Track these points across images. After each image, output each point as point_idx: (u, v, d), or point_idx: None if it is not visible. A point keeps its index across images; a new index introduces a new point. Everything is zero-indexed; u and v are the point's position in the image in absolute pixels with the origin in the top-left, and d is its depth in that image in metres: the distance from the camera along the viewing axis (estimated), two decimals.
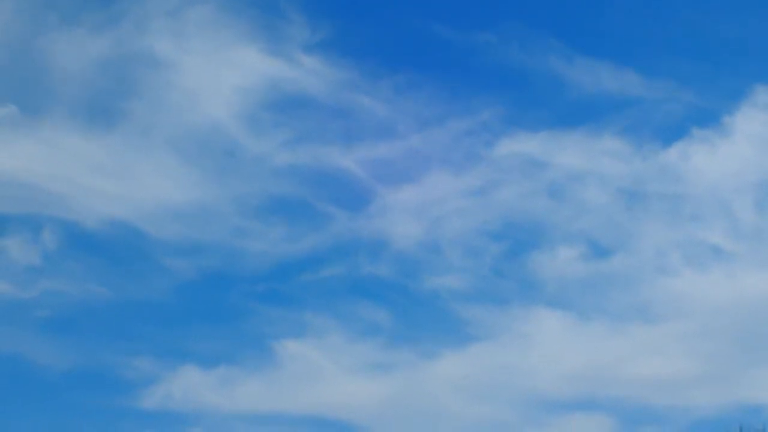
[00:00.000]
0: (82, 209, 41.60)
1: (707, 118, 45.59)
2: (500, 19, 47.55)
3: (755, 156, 44.14)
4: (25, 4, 43.33)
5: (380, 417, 38.69)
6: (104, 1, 43.41)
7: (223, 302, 43.18)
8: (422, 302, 42.82)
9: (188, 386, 38.52)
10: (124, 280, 41.95)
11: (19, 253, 39.76)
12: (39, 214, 40.66)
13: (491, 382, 39.50)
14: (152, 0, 44.45)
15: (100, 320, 40.37)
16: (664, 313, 41.68)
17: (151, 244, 42.31)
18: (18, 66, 43.52)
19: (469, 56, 47.19)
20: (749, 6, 45.32)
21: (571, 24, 47.54)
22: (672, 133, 46.43)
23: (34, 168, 40.57)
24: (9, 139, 40.89)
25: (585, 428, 37.77)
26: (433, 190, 45.42)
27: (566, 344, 41.23)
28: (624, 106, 46.28)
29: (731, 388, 38.07)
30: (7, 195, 40.53)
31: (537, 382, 38.87)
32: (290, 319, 42.47)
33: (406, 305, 42.94)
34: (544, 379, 39.49)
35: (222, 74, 45.85)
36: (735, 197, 43.82)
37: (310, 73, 45.08)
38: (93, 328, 40.47)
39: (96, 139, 43.27)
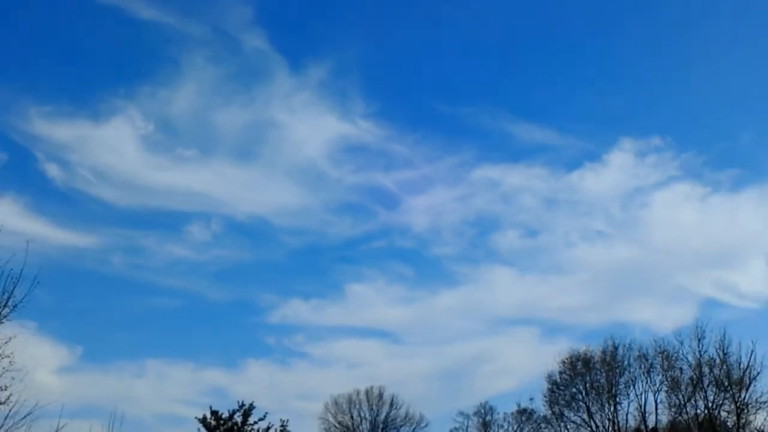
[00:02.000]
0: (235, 208, 71.22)
1: (594, 156, 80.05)
2: (475, 99, 79.38)
3: (622, 178, 73.55)
4: (204, 88, 68.32)
5: (407, 328, 67.96)
6: (246, 88, 70.14)
7: (315, 262, 75.26)
8: (430, 263, 74.50)
9: (295, 310, 67.40)
10: (258, 249, 73.80)
11: (198, 233, 68.49)
12: (209, 211, 68.65)
13: (469, 307, 68.59)
14: (274, 88, 72.48)
15: (245, 273, 71.19)
16: (569, 269, 73.13)
17: (275, 229, 72.64)
18: (201, 124, 65.23)
19: (456, 120, 79.13)
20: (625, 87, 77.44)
21: (516, 101, 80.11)
22: (573, 164, 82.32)
23: (207, 184, 68.44)
24: (192, 168, 67.48)
25: (523, 335, 66.76)
26: (436, 197, 74.68)
27: (511, 287, 70.34)
28: (546, 149, 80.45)
29: (607, 313, 67.93)
30: (193, 200, 70.43)
31: (495, 308, 68.43)
32: (354, 272, 74.41)
33: (421, 264, 74.76)
34: (499, 307, 68.45)
35: (315, 132, 75.40)
36: (610, 202, 74.07)
37: (365, 131, 73.59)
38: (242, 277, 72.22)
39: (243, 168, 72.46)
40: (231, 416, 28.26)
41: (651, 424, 43.67)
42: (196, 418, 26.93)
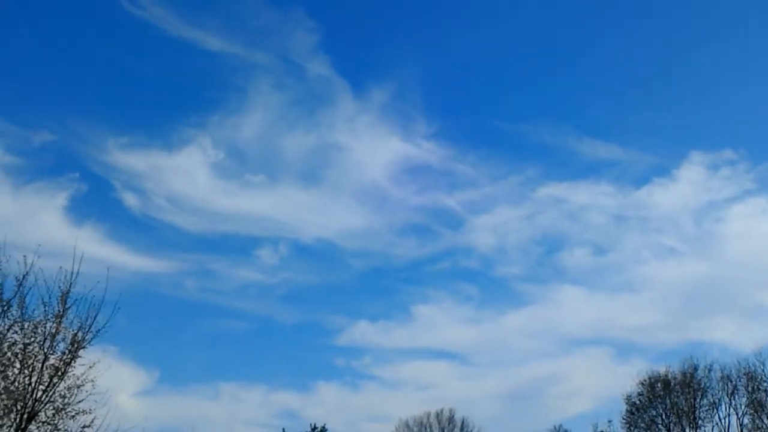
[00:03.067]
0: (302, 232, 71.96)
1: (663, 171, 78.01)
2: (538, 116, 79.19)
3: (694, 193, 71.11)
4: (270, 114, 71.49)
5: (475, 349, 65.35)
6: (311, 113, 71.91)
7: (381, 284, 73.80)
8: (497, 283, 72.16)
9: (363, 332, 65.67)
10: (325, 271, 73.54)
11: (267, 257, 68.60)
12: (277, 235, 69.36)
13: (538, 327, 66.68)
14: (337, 112, 72.92)
15: (314, 295, 70.18)
16: (641, 287, 69.26)
17: (341, 251, 71.57)
18: (267, 150, 72.27)
19: (519, 138, 76.11)
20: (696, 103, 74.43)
21: (579, 117, 76.70)
22: (641, 180, 79.07)
23: (275, 208, 69.42)
24: (260, 194, 68.64)
25: (595, 355, 63.24)
26: (501, 216, 72.54)
27: (581, 306, 67.47)
28: (612, 165, 77.14)
29: (683, 332, 64.51)
30: (261, 225, 71.86)
31: (565, 327, 65.63)
32: (420, 293, 71.82)
33: (487, 284, 71.94)
34: (569, 326, 65.38)
35: (378, 154, 75.88)
36: (682, 218, 71.10)
37: (427, 151, 73.27)
38: (310, 299, 70.88)
39: (309, 191, 72.58)
40: None
41: None
42: None
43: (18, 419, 15.42)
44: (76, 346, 16.11)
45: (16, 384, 15.58)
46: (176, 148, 74.26)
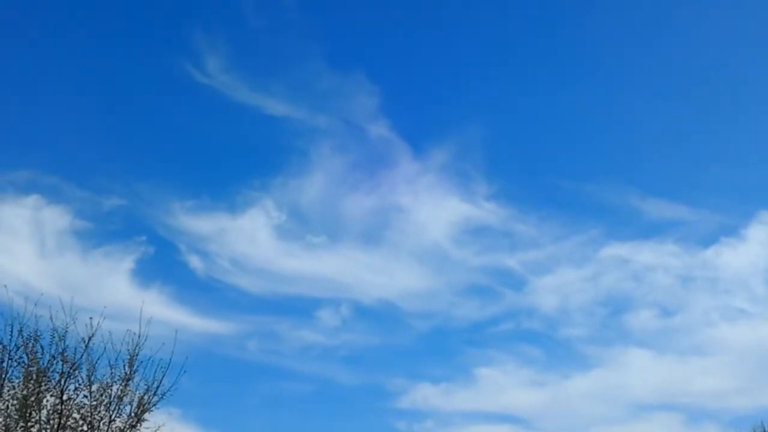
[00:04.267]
0: (362, 293, 65.51)
1: (730, 231, 67.25)
2: (600, 175, 71.66)
3: (764, 253, 62.83)
4: (331, 176, 65.54)
5: (539, 413, 58.47)
6: (371, 175, 67.02)
7: (443, 346, 66.04)
8: (560, 345, 64.50)
9: (424, 395, 58.80)
10: (386, 333, 65.77)
11: (328, 319, 62.06)
12: (338, 297, 63.52)
13: (605, 391, 59.50)
14: (398, 173, 68.31)
15: (375, 357, 63.23)
16: (711, 350, 62.00)
17: (402, 312, 64.65)
18: (329, 211, 67.15)
19: (582, 197, 69.55)
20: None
21: (643, 175, 69.65)
22: (708, 240, 68.62)
23: (336, 269, 63.37)
24: (321, 255, 65.41)
25: (665, 421, 56.10)
26: (563, 277, 67.02)
27: (649, 370, 60.11)
28: (678, 225, 66.56)
29: (758, 397, 55.22)
30: (322, 287, 64.90)
31: (633, 392, 58.79)
32: (482, 355, 64.03)
33: (551, 346, 64.19)
34: (637, 390, 58.96)
35: (438, 214, 68.37)
36: (752, 278, 63.84)
37: (488, 212, 66.77)
38: (371, 361, 63.66)
39: (369, 252, 67.28)
40: None
41: None
42: None
43: None
44: (141, 409, 16.22)
45: None
46: (240, 210, 75.63)
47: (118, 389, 16.11)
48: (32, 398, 15.46)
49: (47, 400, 15.80)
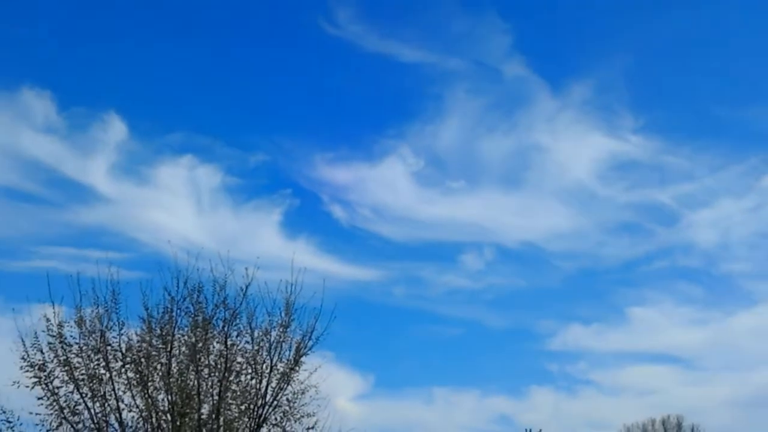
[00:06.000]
0: (505, 236, 71.32)
1: None
2: (757, 99, 72.19)
3: None
4: (467, 120, 70.96)
5: (701, 352, 64.29)
6: (508, 116, 71.71)
7: (592, 286, 71.14)
8: (721, 281, 68.93)
9: (575, 336, 64.46)
10: (532, 275, 71.38)
11: (472, 263, 68.54)
12: (481, 240, 69.54)
13: None
14: (536, 112, 71.34)
15: (521, 299, 69.47)
16: None
17: (547, 254, 70.15)
18: (466, 155, 73.29)
19: (739, 125, 72.25)
20: None
21: None
22: None
23: (477, 213, 69.67)
24: (461, 200, 70.32)
25: None
26: (722, 210, 68.64)
27: None
28: None
29: None
30: (464, 231, 72.14)
31: None
32: (635, 294, 69.24)
33: (711, 283, 68.62)
34: None
35: (581, 152, 71.74)
36: None
37: (635, 146, 68.54)
38: (518, 304, 70.18)
39: (510, 195, 72.44)
40: None
41: None
42: None
43: (251, 423, 16.56)
44: (299, 353, 17.04)
45: (249, 390, 16.75)
46: (378, 159, 77.03)
47: (276, 335, 16.98)
48: (200, 344, 16.56)
49: (213, 346, 16.88)
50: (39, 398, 15.78)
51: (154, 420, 15.99)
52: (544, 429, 28.57)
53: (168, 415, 16.01)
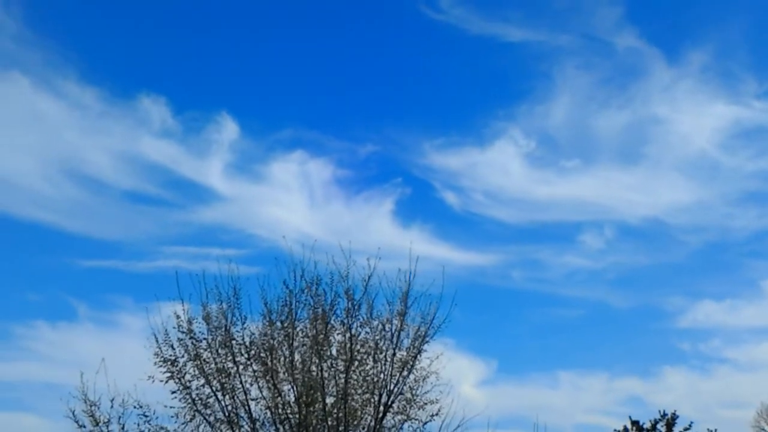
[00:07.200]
0: (626, 213, 64.46)
1: None
2: None
3: None
4: (578, 96, 64.17)
5: None
6: (622, 89, 64.59)
7: (721, 260, 64.52)
8: None
9: (707, 313, 58.85)
10: (656, 252, 65.43)
11: (591, 242, 62.73)
12: (600, 219, 62.94)
13: None
14: (652, 83, 64.83)
15: (645, 277, 62.99)
16: None
17: (672, 229, 63.25)
18: (580, 133, 65.76)
19: None
20: None
21: None
22: None
23: (594, 191, 61.48)
24: (577, 178, 63.96)
25: None
26: None
27: None
28: None
29: None
30: (581, 210, 64.76)
31: None
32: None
33: None
34: None
35: (702, 121, 65.43)
36: None
37: (760, 111, 62.26)
38: (642, 282, 63.71)
39: (629, 170, 65.62)
40: (654, 426, 27.38)
41: None
42: (615, 430, 26.53)
43: (375, 411, 16.71)
44: (419, 341, 17.06)
45: (371, 379, 16.91)
46: (488, 142, 76.23)
47: (396, 324, 17.04)
48: (321, 336, 16.82)
49: (333, 337, 17.12)
50: (173, 392, 16.45)
51: (281, 411, 16.38)
52: (678, 410, 27.40)
53: (294, 406, 16.35)
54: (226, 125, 67.60)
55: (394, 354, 16.96)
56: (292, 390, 16.53)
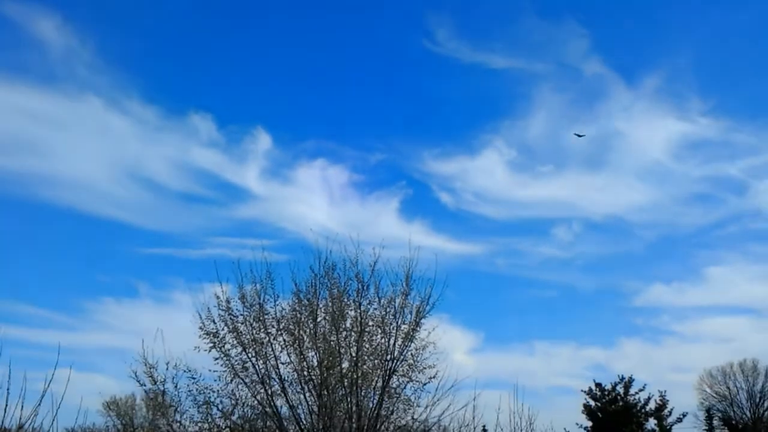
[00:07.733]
0: (591, 211, 79.06)
1: None
2: None
3: None
4: (552, 114, 74.82)
5: None
6: (589, 108, 77.55)
7: (671, 251, 78.61)
8: None
9: (658, 294, 74.23)
10: (617, 243, 77.44)
11: (562, 235, 78.98)
12: (570, 216, 77.94)
13: None
14: (613, 103, 78.69)
15: (608, 264, 77.94)
16: None
17: (630, 225, 77.19)
18: (553, 144, 77.07)
19: None
20: None
21: None
22: None
23: (565, 192, 73.98)
24: (550, 181, 75.88)
25: None
26: None
27: None
28: None
29: None
30: (554, 208, 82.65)
31: None
32: (710, 256, 75.98)
33: None
34: None
35: (655, 134, 79.85)
36: None
37: (704, 126, 77.49)
38: (605, 268, 79.21)
39: (594, 175, 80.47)
40: (613, 388, 31.37)
41: None
42: (582, 390, 30.68)
43: (383, 374, 20.02)
44: (419, 315, 20.32)
45: (379, 347, 20.19)
46: (477, 151, 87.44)
47: (399, 302, 20.31)
48: (337, 312, 20.07)
49: (348, 313, 20.35)
50: (215, 359, 19.54)
51: (305, 373, 19.58)
52: (633, 374, 31.33)
53: (317, 369, 19.59)
54: (261, 137, 75.70)
55: (398, 327, 20.07)
56: (315, 356, 19.63)
